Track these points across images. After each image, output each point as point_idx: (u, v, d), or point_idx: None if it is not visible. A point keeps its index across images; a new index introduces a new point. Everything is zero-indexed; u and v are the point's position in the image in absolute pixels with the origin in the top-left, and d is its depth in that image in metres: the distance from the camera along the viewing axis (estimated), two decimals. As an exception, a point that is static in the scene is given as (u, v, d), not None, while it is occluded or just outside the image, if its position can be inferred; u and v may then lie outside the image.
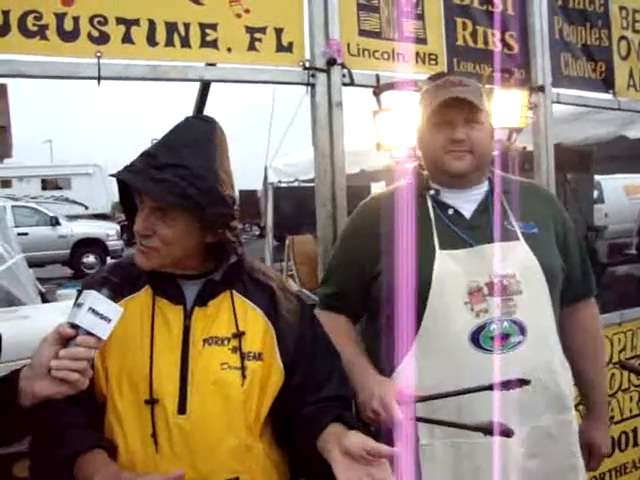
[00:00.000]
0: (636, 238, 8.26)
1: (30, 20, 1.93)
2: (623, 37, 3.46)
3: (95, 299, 1.21)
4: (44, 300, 6.70)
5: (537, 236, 1.78)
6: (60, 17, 1.97)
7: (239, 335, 1.43)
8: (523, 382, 1.54)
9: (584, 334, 1.94)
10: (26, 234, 13.97)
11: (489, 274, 1.70)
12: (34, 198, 18.85)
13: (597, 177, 7.04)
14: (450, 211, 1.79)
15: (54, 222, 15.78)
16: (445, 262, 1.70)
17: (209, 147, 1.41)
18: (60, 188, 20.58)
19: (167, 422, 1.36)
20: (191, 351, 1.41)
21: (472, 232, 1.75)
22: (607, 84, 3.40)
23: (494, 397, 1.62)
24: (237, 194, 1.52)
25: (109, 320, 1.21)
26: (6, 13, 1.90)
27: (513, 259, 1.72)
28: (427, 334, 1.70)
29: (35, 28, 1.94)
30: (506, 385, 1.54)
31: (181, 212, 1.37)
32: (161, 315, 1.43)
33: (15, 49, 1.93)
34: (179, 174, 1.33)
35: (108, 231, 16.59)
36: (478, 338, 1.66)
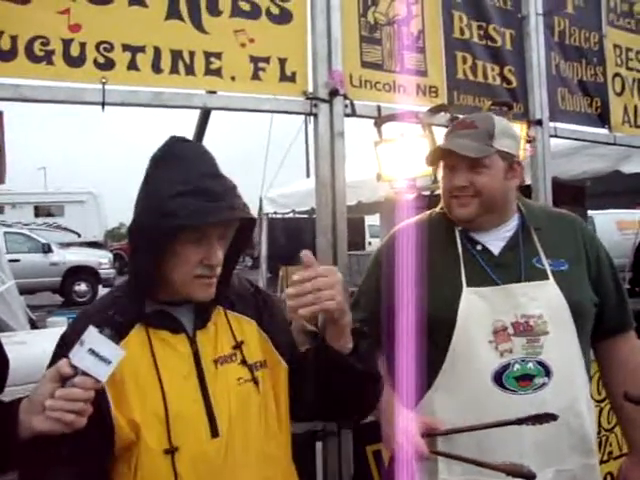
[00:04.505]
0: (629, 273, 8.25)
1: (37, 45, 1.94)
2: (617, 74, 3.54)
3: (96, 340, 1.17)
4: (34, 327, 6.64)
5: (567, 273, 1.76)
6: (67, 43, 1.99)
7: (239, 346, 1.46)
8: (550, 417, 1.51)
9: (624, 369, 1.87)
10: (18, 260, 13.87)
11: (515, 314, 1.68)
12: (26, 225, 18.75)
13: (589, 212, 7.09)
14: (478, 247, 1.78)
15: (46, 249, 15.69)
16: (471, 300, 1.69)
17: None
18: (53, 215, 20.51)
19: (203, 449, 1.36)
20: (206, 374, 1.41)
21: (500, 270, 1.74)
22: (603, 119, 3.46)
23: (519, 439, 1.60)
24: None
25: (109, 362, 1.18)
26: (14, 38, 1.91)
27: (541, 299, 1.70)
28: (450, 371, 1.69)
29: (42, 53, 1.95)
30: (533, 420, 1.51)
31: (230, 232, 1.43)
32: (167, 345, 1.41)
33: (21, 73, 1.94)
34: (236, 194, 1.39)
35: (100, 259, 16.52)
36: (501, 378, 1.64)
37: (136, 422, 1.33)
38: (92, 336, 1.18)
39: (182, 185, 1.33)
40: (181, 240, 1.35)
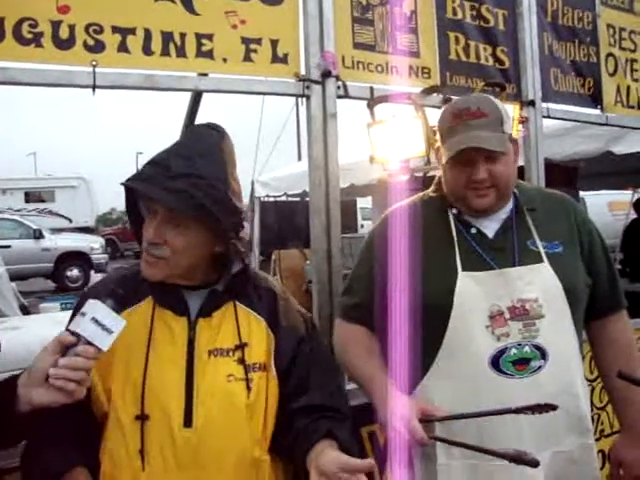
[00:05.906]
0: (620, 254, 8.31)
1: (25, 27, 1.91)
2: (610, 54, 3.52)
3: (99, 310, 1.19)
4: (26, 313, 6.64)
5: (561, 255, 1.75)
6: (56, 25, 1.96)
7: (242, 347, 1.42)
8: (549, 407, 1.50)
9: (615, 348, 1.87)
10: (9, 247, 13.81)
11: (511, 298, 1.68)
12: (17, 211, 18.66)
13: (581, 193, 7.11)
14: (473, 230, 1.76)
15: (37, 235, 15.63)
16: (467, 284, 1.68)
17: (221, 156, 1.40)
18: (44, 201, 20.39)
19: (172, 435, 1.34)
20: (196, 363, 1.39)
21: (495, 253, 1.72)
22: (595, 100, 3.45)
23: (517, 421, 1.60)
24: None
25: (111, 332, 1.19)
26: (1, 20, 1.88)
27: (536, 282, 1.70)
28: (446, 356, 1.68)
29: (30, 35, 1.92)
30: (532, 409, 1.51)
31: (194, 221, 1.36)
32: (165, 326, 1.41)
33: (10, 56, 1.91)
34: (194, 184, 1.32)
35: (92, 244, 16.47)
36: (498, 362, 1.64)
37: (111, 391, 1.36)
38: (95, 306, 1.20)
39: (158, 156, 1.37)
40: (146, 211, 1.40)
